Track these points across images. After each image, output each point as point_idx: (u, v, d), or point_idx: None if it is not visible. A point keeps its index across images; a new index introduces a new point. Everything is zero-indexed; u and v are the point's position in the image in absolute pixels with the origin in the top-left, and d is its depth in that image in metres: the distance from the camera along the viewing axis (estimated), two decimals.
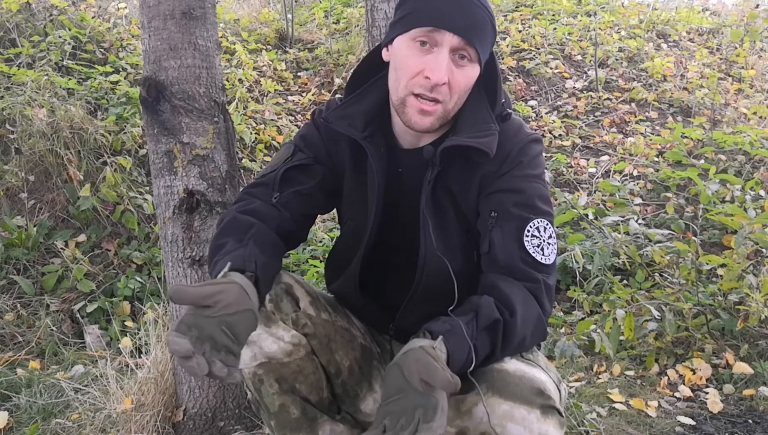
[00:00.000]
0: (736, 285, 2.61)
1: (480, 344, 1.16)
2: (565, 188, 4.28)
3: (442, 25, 1.23)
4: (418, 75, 1.26)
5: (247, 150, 4.17)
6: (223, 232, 1.35)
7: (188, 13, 1.91)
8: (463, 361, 1.14)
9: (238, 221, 1.36)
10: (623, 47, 5.88)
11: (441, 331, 1.15)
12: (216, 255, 1.29)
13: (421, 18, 1.25)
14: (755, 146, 4.24)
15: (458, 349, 1.13)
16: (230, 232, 1.33)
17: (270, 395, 1.41)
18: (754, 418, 2.21)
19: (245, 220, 1.36)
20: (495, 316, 1.18)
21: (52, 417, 2.23)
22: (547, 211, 1.33)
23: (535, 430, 1.13)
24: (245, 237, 1.30)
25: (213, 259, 1.30)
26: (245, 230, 1.33)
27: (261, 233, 1.33)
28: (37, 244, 3.30)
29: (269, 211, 1.39)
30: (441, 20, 1.24)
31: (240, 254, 1.24)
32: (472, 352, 1.14)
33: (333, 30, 5.93)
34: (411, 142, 1.40)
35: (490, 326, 1.17)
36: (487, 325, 1.17)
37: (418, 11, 1.26)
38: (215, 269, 1.25)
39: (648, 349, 2.65)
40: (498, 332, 1.18)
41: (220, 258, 1.26)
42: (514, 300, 1.22)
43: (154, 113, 1.92)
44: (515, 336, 1.21)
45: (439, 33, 1.24)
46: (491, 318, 1.18)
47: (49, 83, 3.74)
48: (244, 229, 1.33)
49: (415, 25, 1.26)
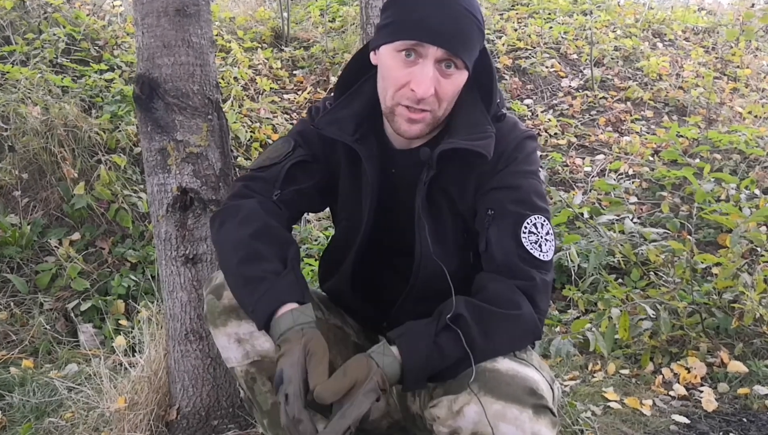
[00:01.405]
0: (730, 284, 2.61)
1: (445, 341, 1.17)
2: (560, 187, 4.28)
3: (427, 38, 1.22)
4: (404, 87, 1.25)
5: (243, 148, 4.16)
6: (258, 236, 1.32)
7: (182, 10, 1.90)
8: (422, 359, 1.15)
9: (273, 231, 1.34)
10: (619, 46, 5.89)
11: (395, 335, 1.18)
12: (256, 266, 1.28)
13: (406, 30, 1.24)
14: (750, 145, 4.25)
15: (411, 348, 1.16)
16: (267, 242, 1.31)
17: (263, 394, 1.40)
18: (749, 417, 2.21)
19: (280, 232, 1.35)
20: (458, 311, 1.19)
21: (45, 416, 2.22)
22: (543, 207, 1.32)
23: (527, 429, 1.12)
24: (287, 258, 1.30)
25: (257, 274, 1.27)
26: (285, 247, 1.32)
27: (297, 254, 1.33)
28: (31, 242, 3.28)
29: (275, 211, 1.39)
30: (425, 34, 1.22)
31: (303, 291, 1.26)
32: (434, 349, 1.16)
33: (329, 28, 5.92)
34: (404, 143, 1.39)
35: (455, 321, 1.17)
36: (450, 322, 1.17)
37: (403, 21, 1.25)
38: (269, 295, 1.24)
39: (643, 348, 2.65)
40: (466, 326, 1.18)
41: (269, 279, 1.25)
42: (498, 297, 1.22)
43: (147, 111, 1.91)
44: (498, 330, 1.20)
45: (423, 46, 1.23)
46: (454, 313, 1.18)
47: (43, 81, 3.73)
48: (284, 245, 1.33)
49: (400, 37, 1.24)
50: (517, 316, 1.22)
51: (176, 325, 1.97)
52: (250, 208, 1.37)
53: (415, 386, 1.19)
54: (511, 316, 1.22)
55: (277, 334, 1.21)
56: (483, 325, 1.19)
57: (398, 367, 1.16)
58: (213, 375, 1.98)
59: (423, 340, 1.17)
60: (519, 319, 1.23)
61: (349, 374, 1.12)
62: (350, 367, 1.14)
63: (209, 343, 1.96)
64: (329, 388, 1.10)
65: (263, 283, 1.25)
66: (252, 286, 1.26)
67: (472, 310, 1.20)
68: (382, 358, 1.16)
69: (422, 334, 1.17)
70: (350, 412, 1.09)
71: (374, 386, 1.12)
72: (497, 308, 1.21)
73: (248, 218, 1.35)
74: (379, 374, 1.13)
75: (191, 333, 1.96)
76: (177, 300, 1.96)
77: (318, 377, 1.12)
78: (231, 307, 1.36)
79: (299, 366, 1.13)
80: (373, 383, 1.12)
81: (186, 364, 1.98)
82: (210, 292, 1.40)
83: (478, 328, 1.19)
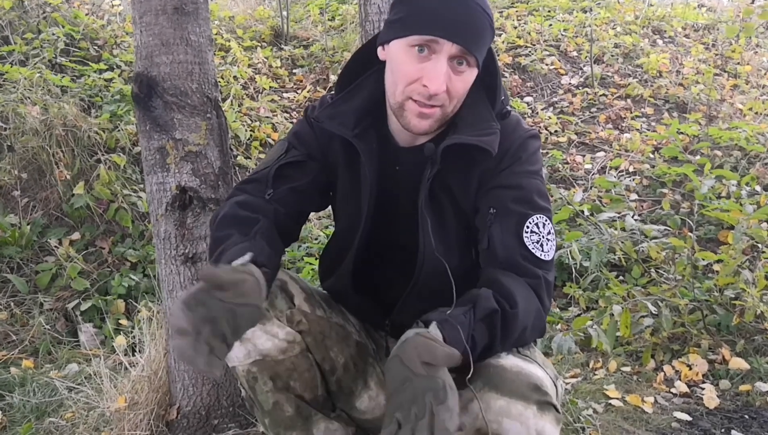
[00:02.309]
0: (732, 280, 2.61)
1: (477, 334, 1.15)
2: (560, 184, 4.27)
3: (442, 34, 1.21)
4: (415, 82, 1.24)
5: (242, 147, 4.16)
6: (225, 224, 1.32)
7: (180, 9, 1.89)
8: (460, 350, 1.11)
9: (242, 215, 1.33)
10: (619, 43, 5.88)
11: (436, 319, 1.13)
12: (222, 244, 1.26)
13: (420, 25, 1.23)
14: (751, 142, 4.24)
15: (453, 336, 1.11)
16: (234, 224, 1.30)
17: (264, 393, 1.40)
18: (750, 414, 2.21)
19: (247, 214, 1.33)
20: (493, 306, 1.17)
21: (45, 416, 2.21)
22: (545, 207, 1.32)
23: (532, 426, 1.12)
24: (251, 231, 1.28)
25: (218, 248, 1.26)
26: (251, 224, 1.30)
27: (266, 228, 1.31)
28: (31, 242, 3.28)
29: (266, 207, 1.37)
30: (440, 29, 1.21)
31: (252, 247, 1.21)
32: (469, 341, 1.13)
33: (328, 27, 5.91)
34: (408, 140, 1.39)
35: (488, 316, 1.16)
36: (484, 315, 1.16)
37: (417, 15, 1.23)
38: (224, 257, 1.21)
39: (644, 345, 2.65)
40: (496, 323, 1.17)
41: (229, 247, 1.22)
42: (515, 293, 1.21)
43: (146, 109, 1.91)
44: (515, 329, 1.20)
45: (437, 42, 1.22)
46: (489, 308, 1.16)
47: (42, 81, 3.72)
48: (250, 223, 1.31)
49: (413, 31, 1.23)
50: (530, 316, 1.23)
51: None
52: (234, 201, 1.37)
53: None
54: (526, 316, 1.21)
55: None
56: (506, 325, 1.18)
57: None
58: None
59: (463, 332, 1.13)
60: (532, 318, 1.23)
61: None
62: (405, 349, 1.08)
63: None
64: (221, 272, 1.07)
65: (221, 255, 1.23)
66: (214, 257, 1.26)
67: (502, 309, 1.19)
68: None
69: (463, 324, 1.14)
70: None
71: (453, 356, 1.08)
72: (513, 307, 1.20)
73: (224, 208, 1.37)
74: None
75: None
76: (177, 299, 1.96)
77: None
78: None
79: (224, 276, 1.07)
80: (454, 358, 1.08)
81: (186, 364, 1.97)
82: None
83: (502, 331, 1.18)
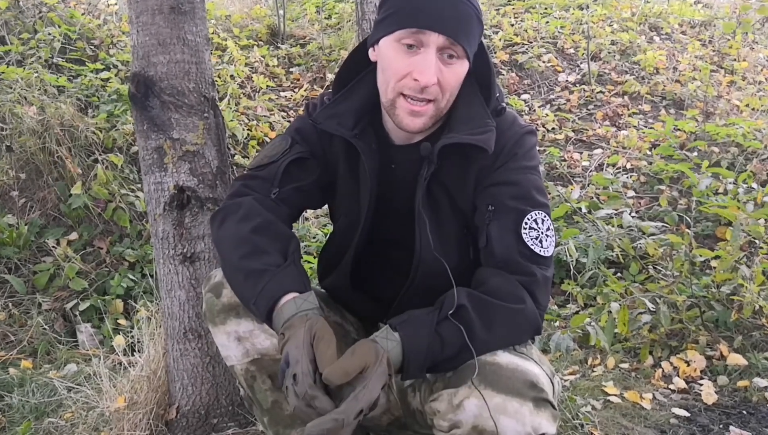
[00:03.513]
0: (729, 276, 2.61)
1: (445, 330, 1.17)
2: (558, 182, 4.28)
3: (427, 25, 1.21)
4: (406, 77, 1.25)
5: (240, 146, 4.16)
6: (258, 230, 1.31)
7: (176, 8, 1.89)
8: (423, 347, 1.15)
9: (273, 226, 1.33)
10: (616, 40, 5.88)
11: (397, 322, 1.18)
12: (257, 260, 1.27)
13: (405, 18, 1.23)
14: (748, 138, 4.25)
15: (412, 335, 1.15)
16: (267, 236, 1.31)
17: (263, 392, 1.40)
18: (749, 409, 2.22)
19: (280, 227, 1.34)
20: (460, 302, 1.19)
21: (44, 416, 2.21)
22: (543, 202, 1.32)
23: (528, 423, 1.12)
24: (288, 252, 1.30)
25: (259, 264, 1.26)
26: (285, 241, 1.32)
27: (297, 247, 1.33)
28: (29, 242, 3.28)
29: (273, 208, 1.38)
30: (425, 21, 1.21)
31: (304, 282, 1.25)
32: (433, 338, 1.15)
33: (325, 25, 5.91)
34: (404, 138, 1.39)
35: (456, 312, 1.18)
36: (451, 311, 1.18)
37: (402, 11, 1.24)
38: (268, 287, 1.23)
39: (642, 342, 2.65)
40: (467, 315, 1.18)
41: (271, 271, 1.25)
42: (500, 290, 1.22)
43: (143, 109, 1.91)
44: (497, 317, 1.20)
45: (424, 34, 1.22)
46: (455, 304, 1.18)
47: (39, 81, 3.72)
48: (284, 239, 1.32)
49: (400, 26, 1.24)
50: (519, 310, 1.22)
51: (175, 323, 1.97)
52: (250, 205, 1.36)
53: (415, 375, 1.18)
54: (514, 309, 1.22)
55: (281, 322, 1.20)
56: (485, 318, 1.19)
57: (400, 354, 1.15)
58: (212, 373, 1.97)
59: (425, 328, 1.16)
60: (521, 313, 1.23)
61: (358, 357, 1.11)
62: (358, 350, 1.13)
63: (208, 342, 1.95)
64: (338, 370, 1.09)
65: (265, 275, 1.24)
66: (254, 279, 1.25)
67: (475, 302, 1.20)
68: (387, 343, 1.15)
69: (424, 323, 1.17)
70: (363, 396, 1.08)
71: (384, 370, 1.11)
72: (500, 301, 1.21)
73: (248, 215, 1.34)
74: (387, 358, 1.13)
75: (190, 331, 1.96)
76: (175, 299, 1.96)
77: (327, 359, 1.11)
78: (230, 305, 1.36)
79: (306, 347, 1.12)
80: (383, 367, 1.11)
81: (185, 363, 1.97)
82: (209, 290, 1.40)
83: (480, 320, 1.19)
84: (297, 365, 1.11)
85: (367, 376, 1.10)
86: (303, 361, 1.11)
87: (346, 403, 1.08)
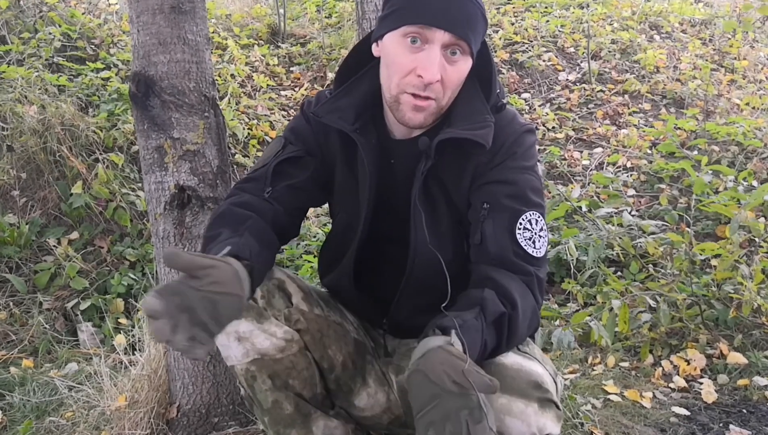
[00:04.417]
0: (729, 275, 2.61)
1: (489, 338, 1.14)
2: (558, 181, 4.28)
3: (433, 22, 1.22)
4: (410, 73, 1.25)
5: (240, 145, 4.16)
6: (216, 223, 1.32)
7: (177, 7, 1.89)
8: (476, 356, 1.10)
9: (234, 213, 1.33)
10: (616, 39, 5.88)
11: (453, 326, 1.10)
12: (210, 244, 1.26)
13: (411, 15, 1.23)
14: (748, 137, 4.25)
15: (472, 343, 1.09)
16: (225, 223, 1.30)
17: (263, 391, 1.40)
18: (749, 408, 2.22)
19: (240, 212, 1.33)
20: (501, 309, 1.17)
21: (45, 415, 2.22)
22: (539, 203, 1.32)
23: (533, 423, 1.12)
24: (241, 228, 1.28)
25: (206, 248, 1.26)
26: (241, 222, 1.30)
27: (257, 225, 1.31)
28: (29, 241, 3.28)
29: (263, 206, 1.37)
30: (431, 17, 1.22)
31: (236, 242, 1.21)
32: (483, 345, 1.12)
33: (325, 24, 5.91)
34: (403, 133, 1.39)
35: (497, 320, 1.16)
36: (494, 318, 1.15)
37: (408, 7, 1.24)
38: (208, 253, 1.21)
39: (642, 340, 2.66)
40: (504, 325, 1.17)
41: (215, 245, 1.22)
42: (514, 293, 1.21)
43: (143, 109, 1.91)
44: (519, 328, 1.20)
45: (429, 30, 1.22)
46: (497, 311, 1.16)
47: (39, 80, 3.72)
48: (240, 220, 1.31)
49: (405, 22, 1.24)
50: (529, 314, 1.23)
51: None
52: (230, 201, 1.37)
53: None
54: (526, 315, 1.22)
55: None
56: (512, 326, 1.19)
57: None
58: (213, 372, 1.98)
59: (478, 335, 1.12)
60: (530, 317, 1.24)
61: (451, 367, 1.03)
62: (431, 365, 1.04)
63: None
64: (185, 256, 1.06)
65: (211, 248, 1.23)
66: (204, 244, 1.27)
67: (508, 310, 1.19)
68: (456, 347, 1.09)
69: (477, 330, 1.13)
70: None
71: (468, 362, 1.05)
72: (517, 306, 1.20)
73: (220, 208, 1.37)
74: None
75: None
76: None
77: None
78: None
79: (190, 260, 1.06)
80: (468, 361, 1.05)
81: (186, 362, 1.98)
82: None
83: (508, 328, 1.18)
84: None
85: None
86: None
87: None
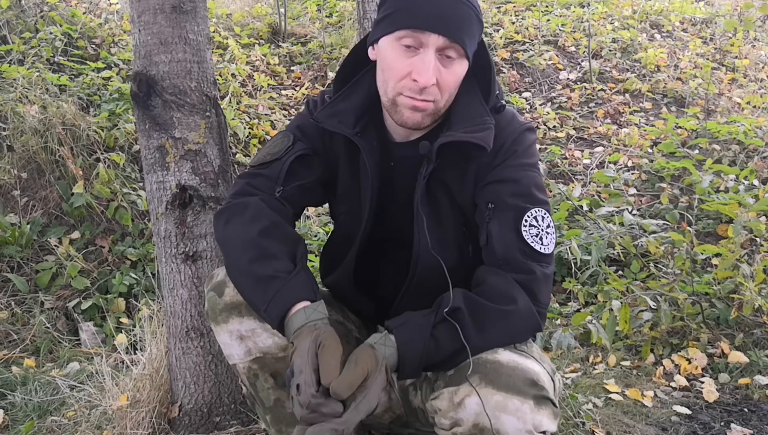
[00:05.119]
0: (730, 274, 2.61)
1: (441, 333, 1.18)
2: (559, 180, 4.28)
3: (426, 26, 1.22)
4: (405, 77, 1.25)
5: (241, 145, 4.16)
6: (266, 233, 1.31)
7: (178, 7, 1.89)
8: (419, 350, 1.17)
9: (281, 229, 1.33)
10: (617, 38, 5.88)
11: (393, 325, 1.20)
12: (267, 265, 1.27)
13: (405, 19, 1.24)
14: (749, 136, 4.24)
15: (408, 340, 1.17)
16: (276, 239, 1.31)
17: (265, 390, 1.41)
18: (750, 407, 2.22)
19: (288, 229, 1.35)
20: (456, 305, 1.20)
21: (47, 414, 2.22)
22: (543, 199, 1.32)
23: (529, 420, 1.13)
24: (297, 255, 1.30)
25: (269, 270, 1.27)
26: (293, 245, 1.32)
27: (305, 251, 1.34)
28: (31, 241, 3.28)
29: (279, 209, 1.38)
30: (425, 21, 1.22)
31: (313, 287, 1.27)
32: (429, 340, 1.17)
33: (326, 24, 5.91)
34: (403, 136, 1.39)
35: (452, 313, 1.19)
36: (448, 313, 1.19)
37: (402, 11, 1.24)
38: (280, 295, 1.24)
39: (643, 339, 2.66)
40: (463, 319, 1.19)
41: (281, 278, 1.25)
42: (494, 291, 1.23)
43: (145, 108, 1.91)
44: (493, 320, 1.21)
45: (423, 34, 1.22)
46: (452, 307, 1.19)
47: (40, 80, 3.72)
48: (292, 243, 1.32)
49: (399, 26, 1.24)
50: (510, 311, 1.23)
51: (177, 322, 1.98)
52: (256, 205, 1.36)
53: (411, 376, 1.21)
54: (505, 311, 1.22)
55: (291, 332, 1.21)
56: (478, 320, 1.20)
57: (396, 357, 1.17)
58: (214, 372, 1.98)
59: (420, 332, 1.18)
60: (513, 314, 1.23)
61: (360, 367, 1.12)
62: (360, 360, 1.13)
63: (210, 340, 1.96)
64: (344, 384, 1.10)
65: (275, 283, 1.24)
66: (263, 286, 1.26)
67: (469, 304, 1.21)
68: (384, 349, 1.16)
69: (420, 326, 1.19)
70: (362, 406, 1.10)
71: (384, 377, 1.13)
72: (492, 303, 1.22)
73: (255, 216, 1.34)
74: (386, 366, 1.14)
75: (192, 330, 1.96)
76: (177, 297, 1.96)
77: (330, 370, 1.11)
78: (232, 304, 1.36)
79: (310, 356, 1.13)
80: (383, 375, 1.12)
81: (187, 361, 1.98)
82: (211, 289, 1.40)
83: (474, 322, 1.19)
84: (300, 375, 1.12)
85: (368, 385, 1.11)
86: (306, 371, 1.11)
87: (348, 413, 1.09)
